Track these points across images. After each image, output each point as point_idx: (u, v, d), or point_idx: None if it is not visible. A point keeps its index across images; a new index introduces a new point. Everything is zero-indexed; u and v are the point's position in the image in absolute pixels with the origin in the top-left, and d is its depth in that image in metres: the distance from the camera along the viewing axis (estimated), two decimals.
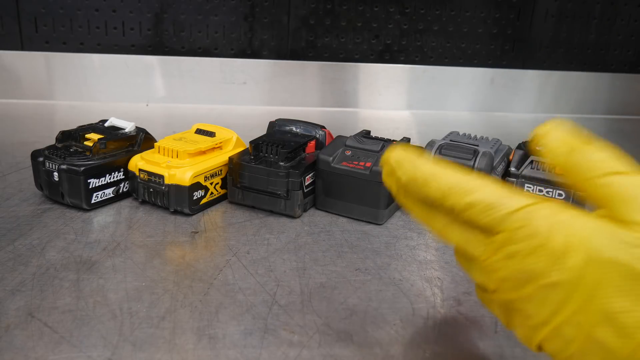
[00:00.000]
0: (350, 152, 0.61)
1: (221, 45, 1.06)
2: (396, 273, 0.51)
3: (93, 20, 1.01)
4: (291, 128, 0.69)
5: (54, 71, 1.01)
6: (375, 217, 0.60)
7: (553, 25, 1.12)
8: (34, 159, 0.60)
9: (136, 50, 1.04)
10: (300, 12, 1.06)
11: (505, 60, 1.14)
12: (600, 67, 1.16)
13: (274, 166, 0.59)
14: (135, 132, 0.65)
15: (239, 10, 1.05)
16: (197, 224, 0.59)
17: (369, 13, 1.08)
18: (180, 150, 0.60)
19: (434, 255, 0.55)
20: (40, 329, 0.40)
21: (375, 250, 0.55)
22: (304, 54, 1.09)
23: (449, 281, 0.50)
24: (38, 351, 0.38)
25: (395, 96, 1.11)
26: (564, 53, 1.15)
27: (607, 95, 1.16)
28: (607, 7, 1.12)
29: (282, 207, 0.60)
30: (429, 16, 1.09)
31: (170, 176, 0.58)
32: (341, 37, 1.08)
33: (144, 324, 0.42)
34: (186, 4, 1.03)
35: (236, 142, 0.66)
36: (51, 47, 1.01)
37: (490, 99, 1.14)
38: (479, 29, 1.11)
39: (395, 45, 1.10)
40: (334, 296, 0.47)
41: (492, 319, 0.45)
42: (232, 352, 0.39)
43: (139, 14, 1.02)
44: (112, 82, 1.03)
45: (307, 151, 0.64)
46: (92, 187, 0.59)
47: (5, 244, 0.52)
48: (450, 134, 0.67)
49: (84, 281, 0.47)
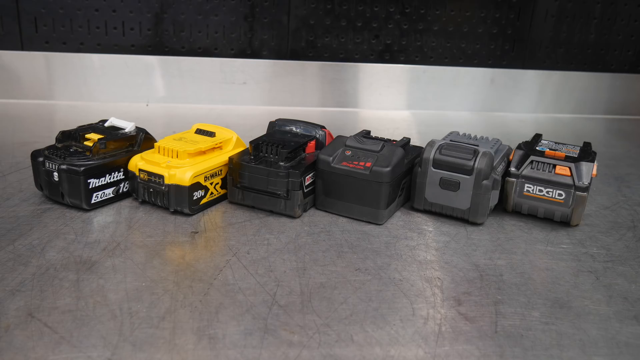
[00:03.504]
0: (350, 152, 0.61)
1: (221, 45, 1.06)
2: (396, 273, 0.51)
3: (93, 20, 1.01)
4: (291, 128, 0.69)
5: (54, 71, 1.01)
6: (375, 217, 0.60)
7: (553, 25, 1.12)
8: (34, 159, 0.60)
9: (136, 50, 1.04)
10: (300, 12, 1.06)
11: (505, 60, 1.14)
12: (600, 67, 1.16)
13: (274, 166, 0.59)
14: (135, 132, 0.65)
15: (239, 10, 1.05)
16: (197, 224, 0.59)
17: (369, 13, 1.08)
18: (180, 150, 0.60)
19: (434, 255, 0.55)
20: (40, 329, 0.40)
21: (375, 250, 0.55)
22: (304, 54, 1.09)
23: (449, 281, 0.50)
24: (38, 351, 0.38)
25: (395, 96, 1.11)
26: (564, 53, 1.15)
27: (607, 95, 1.16)
28: (607, 7, 1.12)
29: (282, 207, 0.60)
30: (429, 16, 1.09)
31: (170, 176, 0.58)
32: (341, 37, 1.08)
33: (144, 324, 0.42)
34: (186, 4, 1.03)
35: (236, 142, 0.66)
36: (51, 47, 1.01)
37: (490, 99, 1.14)
38: (479, 29, 1.11)
39: (395, 45, 1.10)
40: (334, 296, 0.47)
41: (492, 318, 0.45)
42: (232, 353, 0.39)
43: (139, 14, 1.02)
44: (112, 82, 1.03)
45: (307, 151, 0.64)
46: (92, 187, 0.59)
47: (5, 244, 0.52)
48: (450, 134, 0.67)
49: (84, 281, 0.47)
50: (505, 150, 0.65)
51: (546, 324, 0.45)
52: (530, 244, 0.58)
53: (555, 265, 0.54)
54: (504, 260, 0.54)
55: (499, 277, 0.51)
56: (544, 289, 0.50)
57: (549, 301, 0.48)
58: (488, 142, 0.64)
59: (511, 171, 0.62)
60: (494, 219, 0.63)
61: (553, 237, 0.60)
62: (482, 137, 0.66)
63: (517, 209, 0.64)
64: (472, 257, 0.55)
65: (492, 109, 1.14)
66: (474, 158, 0.59)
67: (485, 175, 0.59)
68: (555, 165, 0.61)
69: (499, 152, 0.63)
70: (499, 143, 0.65)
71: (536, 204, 0.62)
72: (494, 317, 0.45)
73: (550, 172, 0.61)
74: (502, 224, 0.62)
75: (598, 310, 0.47)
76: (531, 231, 0.61)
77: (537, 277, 0.52)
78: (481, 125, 1.07)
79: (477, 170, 0.59)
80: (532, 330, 0.44)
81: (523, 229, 0.62)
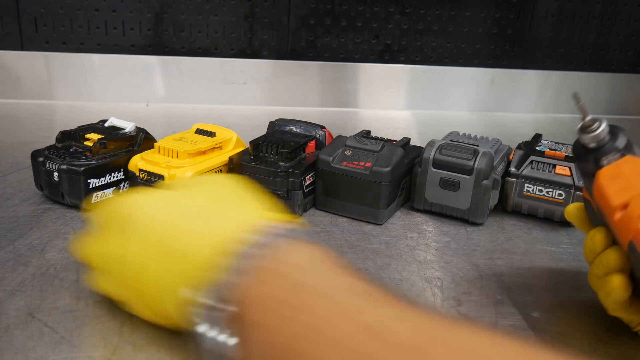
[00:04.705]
0: (350, 152, 0.61)
1: (221, 45, 1.06)
2: (396, 273, 0.51)
3: (93, 20, 1.01)
4: (291, 128, 0.69)
5: (54, 71, 1.01)
6: (375, 217, 0.60)
7: (553, 25, 1.12)
8: (34, 159, 0.60)
9: (136, 50, 1.04)
10: (300, 12, 1.06)
11: (505, 60, 1.14)
12: (600, 67, 1.16)
13: (274, 166, 0.59)
14: (135, 132, 0.65)
15: (239, 10, 1.05)
16: None
17: (369, 13, 1.08)
18: (180, 150, 0.60)
19: (434, 255, 0.55)
20: (41, 329, 0.40)
21: (375, 250, 0.55)
22: (304, 54, 1.09)
23: (449, 281, 0.50)
24: (38, 351, 0.38)
25: (395, 96, 1.11)
26: (564, 53, 1.15)
27: (607, 95, 1.16)
28: (607, 7, 1.12)
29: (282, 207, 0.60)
30: (429, 16, 1.09)
31: (170, 176, 0.58)
32: (341, 37, 1.08)
33: (144, 324, 0.41)
34: (186, 4, 1.03)
35: (236, 142, 0.66)
36: (51, 47, 1.01)
37: (490, 99, 1.14)
38: (479, 29, 1.11)
39: (395, 45, 1.10)
40: None
41: (492, 319, 0.45)
42: None
43: (139, 14, 1.02)
44: (112, 82, 1.03)
45: (307, 151, 0.64)
46: (92, 187, 0.59)
47: (5, 244, 0.52)
48: (450, 134, 0.67)
49: (84, 281, 0.47)
50: (505, 150, 0.65)
51: (546, 324, 0.45)
52: (530, 244, 0.58)
53: (555, 265, 0.54)
54: (504, 260, 0.54)
55: (499, 277, 0.51)
56: (543, 289, 0.50)
57: (548, 301, 0.48)
58: (488, 142, 0.64)
59: (511, 171, 0.62)
60: (494, 219, 0.63)
61: (553, 237, 0.60)
62: (482, 137, 0.66)
63: (517, 209, 0.64)
64: (472, 257, 0.55)
65: (492, 109, 1.14)
66: (474, 158, 0.59)
67: (485, 175, 0.59)
68: (555, 165, 0.61)
69: (498, 152, 0.63)
70: (499, 143, 0.65)
71: (536, 204, 0.62)
72: (494, 317, 0.45)
73: (550, 172, 0.61)
74: (502, 224, 0.62)
75: (598, 310, 0.47)
76: (531, 231, 0.61)
77: (537, 277, 0.52)
78: (481, 125, 1.07)
79: (477, 170, 0.59)
80: (532, 331, 0.44)
81: (523, 229, 0.62)
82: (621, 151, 0.42)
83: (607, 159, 0.42)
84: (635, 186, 0.39)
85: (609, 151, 0.42)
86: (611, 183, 0.40)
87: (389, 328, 0.25)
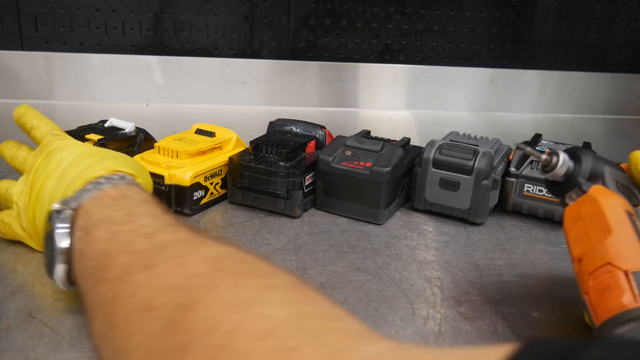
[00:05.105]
0: (350, 152, 0.61)
1: (221, 45, 1.06)
2: (396, 273, 0.51)
3: (93, 20, 1.01)
4: (291, 128, 0.69)
5: (54, 71, 1.01)
6: (375, 217, 0.60)
7: (553, 25, 1.12)
8: None
9: (136, 50, 1.04)
10: (300, 12, 1.06)
11: (505, 60, 1.14)
12: (600, 67, 1.16)
13: (274, 166, 0.59)
14: (135, 132, 0.65)
15: (239, 10, 1.05)
16: (197, 224, 0.59)
17: (369, 13, 1.08)
18: (180, 150, 0.60)
19: (434, 255, 0.55)
20: (41, 330, 0.40)
21: (375, 250, 0.55)
22: (304, 54, 1.09)
23: (449, 281, 0.50)
24: (38, 352, 0.38)
25: (395, 96, 1.11)
26: (564, 53, 1.15)
27: (607, 95, 1.16)
28: (607, 7, 1.12)
29: (282, 207, 0.60)
30: (429, 16, 1.09)
31: (171, 176, 0.58)
32: (341, 37, 1.09)
33: None
34: (186, 4, 1.03)
35: (236, 142, 0.66)
36: (51, 47, 1.01)
37: (490, 99, 1.14)
38: (479, 29, 1.11)
39: (395, 45, 1.10)
40: (334, 296, 0.47)
41: (492, 318, 0.45)
42: None
43: (139, 14, 1.02)
44: (112, 82, 1.03)
45: (307, 151, 0.64)
46: None
47: (6, 245, 0.52)
48: (450, 134, 0.67)
49: None
50: (505, 150, 0.65)
51: (546, 324, 0.45)
52: (530, 244, 0.58)
53: (555, 265, 0.54)
54: (504, 260, 0.54)
55: (499, 277, 0.51)
56: (544, 289, 0.50)
57: (549, 301, 0.48)
58: (488, 142, 0.64)
59: (511, 171, 0.62)
60: (494, 219, 0.63)
61: (553, 237, 0.60)
62: (482, 137, 0.66)
63: (517, 209, 0.64)
64: (472, 257, 0.55)
65: (492, 109, 1.14)
66: (473, 158, 0.60)
67: (485, 175, 0.59)
68: None
69: (498, 152, 0.63)
70: (499, 143, 0.65)
71: (536, 204, 0.62)
72: (494, 317, 0.45)
73: None
74: (502, 224, 0.62)
75: None
76: (531, 231, 0.61)
77: (537, 277, 0.52)
78: (481, 125, 1.07)
79: (477, 170, 0.59)
80: (532, 331, 0.44)
81: (523, 229, 0.62)
82: (586, 183, 0.41)
83: (570, 196, 0.42)
84: (590, 236, 0.38)
85: (571, 187, 0.41)
86: (572, 227, 0.40)
87: (159, 236, 0.35)
